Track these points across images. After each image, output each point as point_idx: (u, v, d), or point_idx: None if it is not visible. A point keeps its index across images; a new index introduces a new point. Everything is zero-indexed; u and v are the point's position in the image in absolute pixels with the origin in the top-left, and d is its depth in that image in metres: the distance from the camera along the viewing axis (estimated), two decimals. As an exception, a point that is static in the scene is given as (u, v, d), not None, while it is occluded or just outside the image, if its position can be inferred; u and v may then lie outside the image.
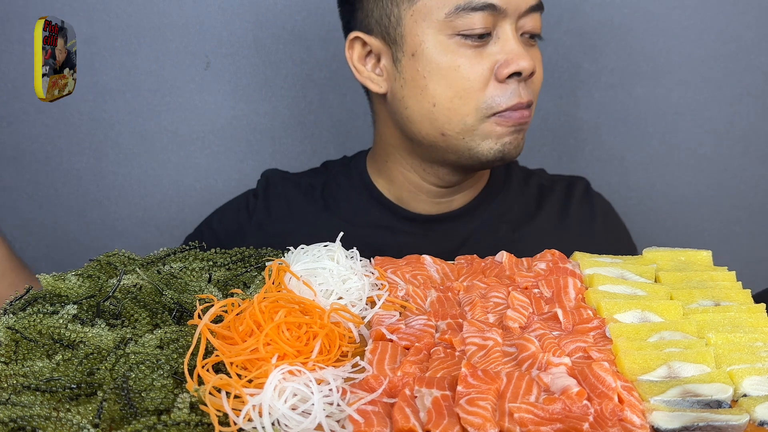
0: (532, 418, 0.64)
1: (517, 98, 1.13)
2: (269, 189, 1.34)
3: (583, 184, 1.36)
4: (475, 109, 1.14)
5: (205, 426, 0.64)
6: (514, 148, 1.17)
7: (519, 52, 1.12)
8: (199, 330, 0.73)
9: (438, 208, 1.27)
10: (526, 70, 1.12)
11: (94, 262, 0.95)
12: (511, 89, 1.13)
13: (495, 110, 1.14)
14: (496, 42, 1.13)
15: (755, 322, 0.81)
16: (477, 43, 1.13)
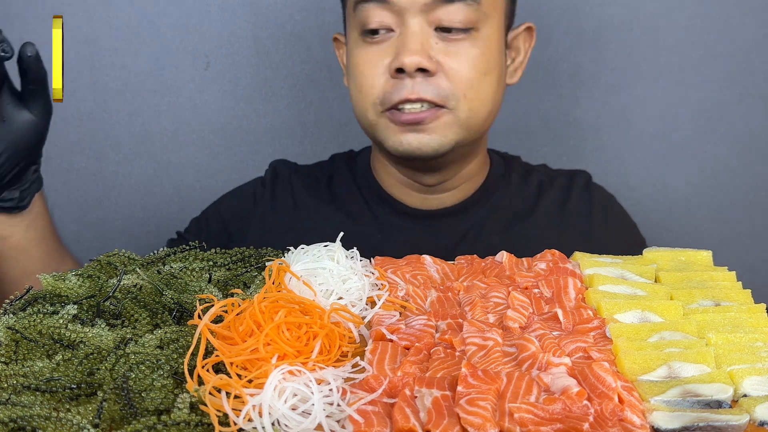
0: (532, 418, 0.64)
1: (405, 93, 1.12)
2: (276, 179, 1.34)
3: (584, 178, 1.35)
4: (372, 105, 1.16)
5: (205, 426, 0.64)
6: (417, 147, 1.14)
7: (408, 47, 1.11)
8: (199, 330, 0.72)
9: (430, 203, 1.27)
10: (406, 65, 1.10)
11: (94, 262, 0.95)
12: (402, 85, 1.12)
13: (386, 106, 1.14)
14: (397, 37, 1.14)
15: (755, 322, 0.81)
16: (377, 39, 1.15)
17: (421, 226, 1.26)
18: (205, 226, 1.34)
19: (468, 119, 1.15)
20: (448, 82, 1.13)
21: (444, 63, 1.13)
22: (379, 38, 1.15)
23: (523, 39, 1.26)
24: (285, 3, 1.64)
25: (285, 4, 1.64)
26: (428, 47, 1.12)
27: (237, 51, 1.64)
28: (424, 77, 1.12)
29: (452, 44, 1.13)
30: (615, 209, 1.35)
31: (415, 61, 1.10)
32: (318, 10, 1.64)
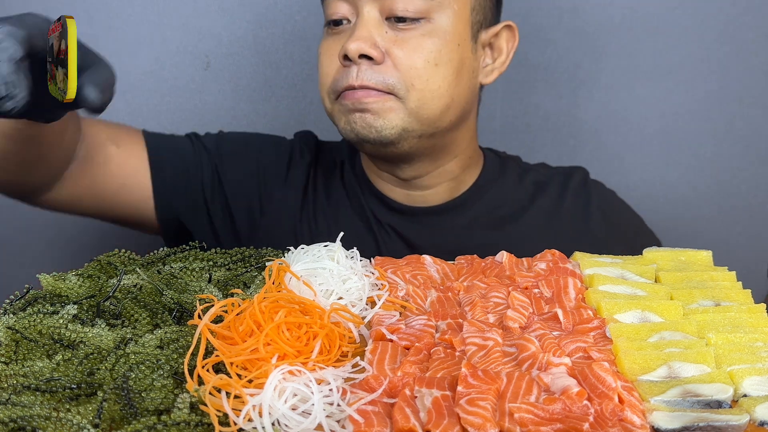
0: (532, 418, 0.64)
1: (350, 80, 1.13)
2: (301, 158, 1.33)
3: (580, 175, 1.34)
4: (327, 93, 1.18)
5: (205, 426, 0.64)
6: (363, 128, 1.14)
7: (354, 35, 1.12)
8: (199, 330, 0.73)
9: (414, 199, 1.27)
10: (349, 51, 1.11)
11: (94, 262, 0.95)
12: (348, 72, 1.13)
13: (337, 93, 1.16)
14: (351, 27, 1.15)
15: (755, 322, 0.81)
16: (335, 30, 1.17)
17: (409, 222, 1.26)
18: (240, 157, 1.32)
19: (418, 109, 1.14)
20: (396, 71, 1.13)
21: (391, 51, 1.13)
22: (339, 29, 1.17)
23: (505, 39, 1.24)
24: (285, 3, 1.64)
25: (285, 4, 1.64)
26: (376, 35, 1.12)
27: (237, 51, 1.64)
28: (369, 65, 1.12)
29: (402, 33, 1.13)
30: (614, 205, 1.34)
31: (357, 47, 1.11)
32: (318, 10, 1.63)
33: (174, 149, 1.27)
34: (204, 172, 1.28)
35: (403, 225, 1.26)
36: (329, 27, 1.18)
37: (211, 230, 1.29)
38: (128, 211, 1.26)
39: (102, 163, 1.18)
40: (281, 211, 1.29)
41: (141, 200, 1.25)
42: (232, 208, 1.28)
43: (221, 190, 1.28)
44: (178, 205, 1.27)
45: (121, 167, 1.21)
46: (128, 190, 1.23)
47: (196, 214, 1.28)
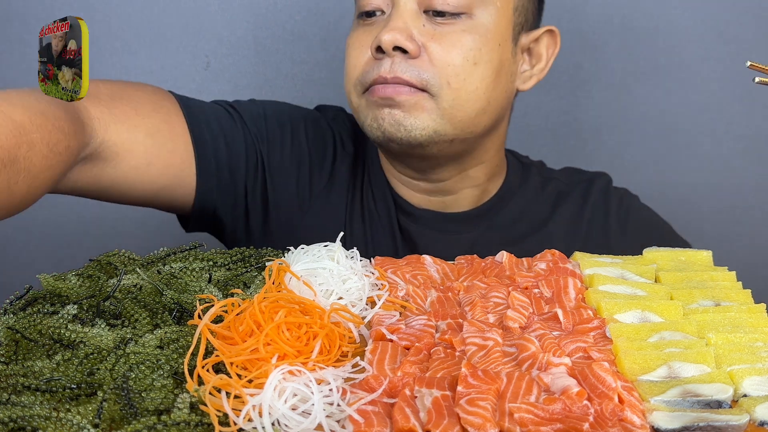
0: (532, 418, 0.64)
1: (381, 71, 1.07)
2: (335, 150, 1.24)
3: (602, 182, 1.27)
4: (354, 86, 1.12)
5: (205, 426, 0.64)
6: (391, 125, 1.07)
7: (389, 25, 1.06)
8: (199, 330, 0.72)
9: (434, 205, 1.22)
10: (383, 43, 1.05)
11: (94, 262, 0.95)
12: (380, 63, 1.08)
13: (365, 86, 1.10)
14: (385, 19, 1.10)
15: (755, 322, 0.81)
16: (368, 22, 1.13)
17: (426, 229, 1.21)
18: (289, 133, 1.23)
19: (452, 110, 1.08)
20: (432, 66, 1.07)
21: (428, 46, 1.07)
22: (372, 20, 1.12)
23: (545, 44, 1.19)
24: (285, 3, 1.64)
25: (285, 4, 1.64)
26: (413, 27, 1.07)
27: (237, 51, 1.64)
28: (404, 58, 1.06)
29: (441, 27, 1.08)
30: (636, 214, 1.26)
31: (392, 38, 1.05)
32: (318, 10, 1.64)
33: (219, 135, 1.14)
34: (248, 163, 1.17)
35: (420, 232, 1.21)
36: (361, 18, 1.13)
37: (245, 225, 1.20)
38: (162, 203, 1.14)
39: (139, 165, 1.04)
40: (326, 211, 1.21)
41: (181, 198, 1.13)
42: (271, 203, 1.19)
43: (263, 182, 1.19)
44: (218, 201, 1.16)
45: (163, 172, 1.08)
46: (169, 191, 1.11)
47: (235, 209, 1.19)
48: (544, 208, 1.25)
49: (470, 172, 1.20)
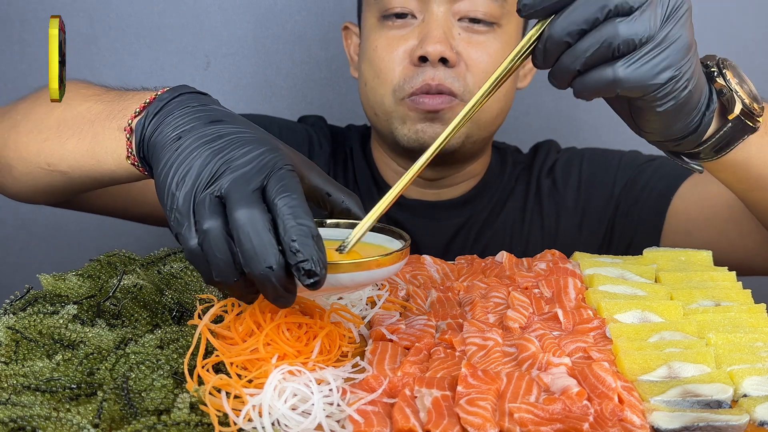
0: (532, 418, 0.64)
1: (424, 77, 1.11)
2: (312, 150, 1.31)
3: (541, 156, 1.31)
4: (391, 91, 1.15)
5: (205, 426, 0.64)
6: (431, 137, 1.13)
7: (432, 35, 1.10)
8: (199, 330, 0.72)
9: (427, 196, 1.27)
10: (430, 54, 1.10)
11: (94, 262, 0.95)
12: (422, 72, 1.12)
13: (406, 93, 1.13)
14: (420, 24, 1.13)
15: (755, 322, 0.81)
16: (397, 23, 1.14)
17: (417, 218, 1.26)
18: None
19: (480, 113, 1.11)
20: (469, 73, 1.13)
21: (465, 53, 1.12)
22: (400, 23, 1.14)
23: None
24: (285, 3, 1.64)
25: (285, 4, 1.64)
26: (450, 37, 1.12)
27: (237, 51, 1.64)
28: (445, 67, 1.12)
29: (475, 36, 1.13)
30: (576, 168, 1.29)
31: (439, 50, 1.10)
32: (318, 10, 1.64)
33: None
34: None
35: (411, 221, 1.25)
36: (388, 20, 1.15)
37: None
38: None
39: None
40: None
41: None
42: None
43: None
44: None
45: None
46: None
47: None
48: (519, 190, 1.31)
49: (471, 166, 1.26)
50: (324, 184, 0.74)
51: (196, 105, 0.73)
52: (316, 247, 0.62)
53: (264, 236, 0.62)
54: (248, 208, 0.62)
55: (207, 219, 0.63)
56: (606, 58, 0.69)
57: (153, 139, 0.71)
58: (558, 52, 0.70)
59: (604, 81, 0.70)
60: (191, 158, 0.66)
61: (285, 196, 0.63)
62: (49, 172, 0.91)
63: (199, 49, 1.63)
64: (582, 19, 0.67)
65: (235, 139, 0.67)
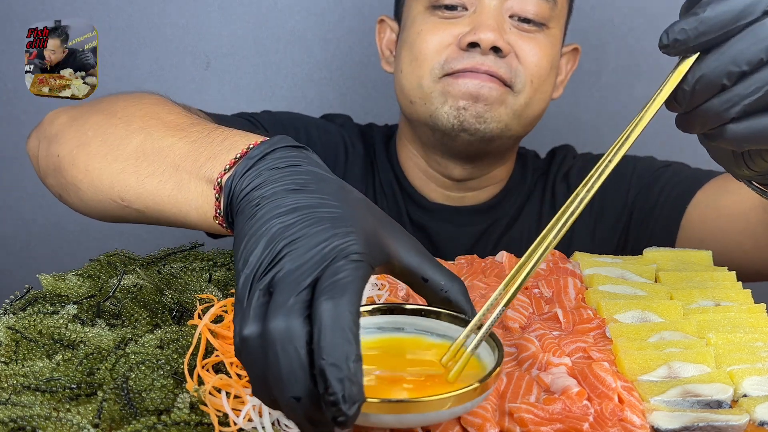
0: (532, 418, 0.64)
1: (473, 62, 1.11)
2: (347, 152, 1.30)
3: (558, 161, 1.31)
4: (430, 71, 1.14)
5: (205, 426, 0.64)
6: (473, 116, 1.12)
7: (485, 23, 1.11)
8: (199, 330, 0.72)
9: (452, 200, 1.27)
10: (483, 41, 1.10)
11: (94, 262, 0.95)
12: (470, 56, 1.12)
13: (447, 71, 1.13)
14: (471, 15, 1.14)
15: (755, 322, 0.81)
16: (447, 14, 1.15)
17: (440, 222, 1.26)
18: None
19: (525, 107, 1.15)
20: (520, 65, 1.13)
21: (516, 46, 1.13)
22: (450, 14, 1.15)
23: (567, 59, 1.27)
24: (285, 3, 1.64)
25: (285, 4, 1.64)
26: (503, 30, 1.12)
27: (237, 51, 1.64)
28: (495, 56, 1.12)
29: (526, 33, 1.15)
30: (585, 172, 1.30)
31: (492, 38, 1.10)
32: (318, 10, 1.64)
33: None
34: None
35: (434, 225, 1.26)
36: (438, 10, 1.15)
37: None
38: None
39: None
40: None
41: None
42: None
43: None
44: None
45: None
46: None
47: None
48: (536, 195, 1.31)
49: (497, 170, 1.26)
50: (421, 264, 0.62)
51: (284, 166, 0.64)
52: (349, 379, 0.50)
53: (294, 360, 0.51)
54: (285, 319, 0.52)
55: (248, 324, 0.54)
56: (766, 106, 0.59)
57: (240, 203, 0.64)
58: (709, 95, 0.60)
59: (763, 133, 0.60)
60: (260, 234, 0.58)
61: (332, 299, 0.52)
62: (122, 207, 0.84)
63: (199, 49, 1.63)
64: (745, 59, 0.58)
65: (310, 215, 0.58)
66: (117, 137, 0.84)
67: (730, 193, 1.09)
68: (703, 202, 1.15)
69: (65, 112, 0.96)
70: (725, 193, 1.11)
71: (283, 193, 0.61)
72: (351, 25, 1.60)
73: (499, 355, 0.59)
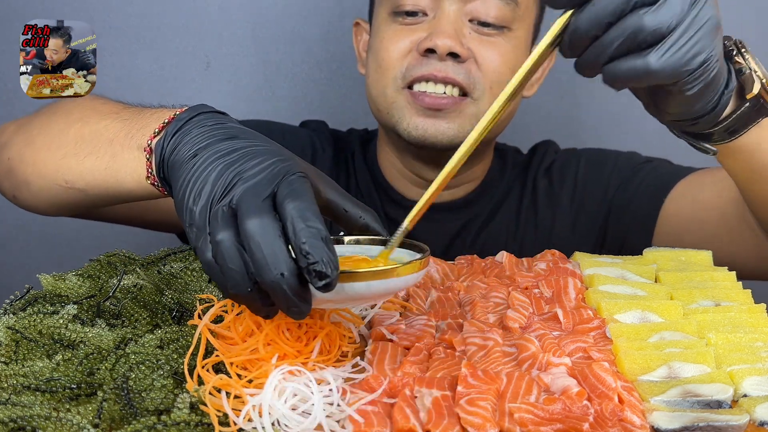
0: (532, 418, 0.64)
1: (431, 68, 1.11)
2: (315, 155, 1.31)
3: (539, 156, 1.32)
4: (392, 79, 1.15)
5: (205, 426, 0.64)
6: (437, 131, 1.13)
7: (442, 29, 1.11)
8: (199, 330, 0.72)
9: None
10: (439, 47, 1.10)
11: (94, 262, 0.95)
12: (428, 63, 1.12)
13: (407, 81, 1.14)
14: (431, 21, 1.14)
15: (755, 322, 0.81)
16: (408, 20, 1.15)
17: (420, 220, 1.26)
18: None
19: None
20: (479, 70, 1.13)
21: (476, 51, 1.13)
22: (411, 20, 1.15)
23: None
24: (285, 3, 1.64)
25: (285, 4, 1.64)
26: (461, 34, 1.12)
27: (237, 51, 1.64)
28: (453, 62, 1.12)
29: (486, 37, 1.14)
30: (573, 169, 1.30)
31: (448, 44, 1.10)
32: (318, 10, 1.65)
33: None
34: None
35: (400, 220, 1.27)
36: (399, 16, 1.16)
37: None
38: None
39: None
40: None
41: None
42: None
43: None
44: None
45: None
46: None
47: None
48: (516, 190, 1.31)
49: (472, 169, 1.27)
50: (340, 199, 0.73)
51: (212, 123, 0.74)
52: (326, 249, 0.61)
53: (274, 243, 0.61)
54: (258, 217, 0.62)
55: (219, 231, 0.63)
56: (634, 48, 0.67)
57: (172, 158, 0.72)
58: (585, 44, 0.68)
59: (635, 72, 0.68)
60: (206, 173, 0.67)
61: (294, 200, 0.63)
62: (66, 189, 0.91)
63: (199, 49, 1.63)
64: (608, 12, 0.65)
65: (249, 152, 0.68)
66: (58, 129, 0.92)
67: (707, 187, 1.10)
68: (681, 196, 1.16)
69: (13, 123, 1.05)
70: (703, 187, 1.12)
71: (217, 142, 0.70)
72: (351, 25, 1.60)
73: (425, 249, 0.75)
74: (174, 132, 0.74)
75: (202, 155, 0.69)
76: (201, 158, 0.69)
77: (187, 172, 0.69)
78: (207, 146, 0.70)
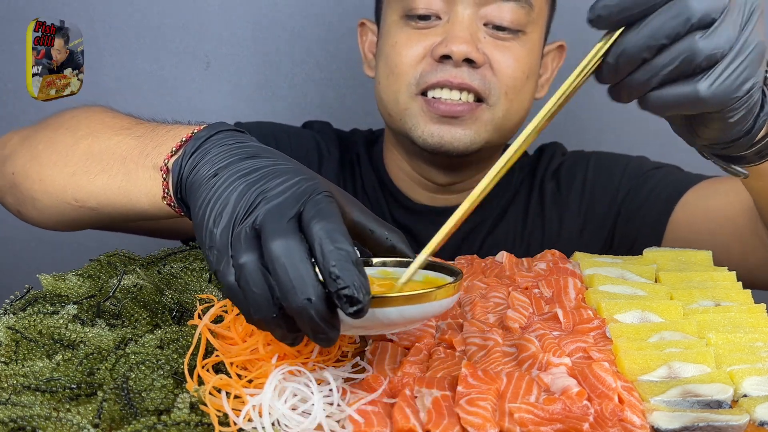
0: (532, 418, 0.64)
1: (446, 75, 1.10)
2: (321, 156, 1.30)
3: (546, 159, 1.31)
4: (406, 85, 1.13)
5: (205, 426, 0.64)
6: (453, 138, 1.12)
7: (457, 35, 1.09)
8: (199, 330, 0.73)
9: (437, 202, 1.27)
10: (454, 53, 1.09)
11: (94, 262, 0.95)
12: (443, 69, 1.10)
13: (422, 87, 1.12)
14: (444, 25, 1.12)
15: (755, 322, 0.81)
16: (420, 24, 1.13)
17: (425, 223, 1.26)
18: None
19: (503, 120, 1.14)
20: (494, 76, 1.12)
21: (491, 56, 1.11)
22: (424, 24, 1.13)
23: (552, 57, 1.26)
24: (285, 3, 1.64)
25: (285, 4, 1.64)
26: (476, 39, 1.11)
27: (237, 51, 1.65)
28: (469, 68, 1.11)
29: (500, 42, 1.13)
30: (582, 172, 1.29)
31: (464, 50, 1.09)
32: (318, 10, 1.65)
33: None
34: None
35: (419, 226, 1.25)
36: (412, 20, 1.14)
37: None
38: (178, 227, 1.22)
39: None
40: None
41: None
42: None
43: None
44: None
45: None
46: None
47: None
48: (522, 193, 1.30)
49: (482, 173, 1.25)
50: (366, 220, 0.70)
51: (233, 142, 0.71)
52: (357, 272, 0.57)
53: (301, 266, 0.58)
54: (283, 238, 0.58)
55: (242, 253, 0.59)
56: (685, 73, 0.64)
57: (191, 178, 0.69)
58: (632, 67, 0.65)
59: (683, 99, 0.65)
60: (227, 193, 0.64)
61: (321, 221, 0.59)
62: (76, 207, 0.88)
63: (199, 49, 1.64)
64: (663, 34, 0.62)
65: (272, 171, 0.65)
66: (65, 145, 0.89)
67: (719, 196, 1.09)
68: (691, 204, 1.15)
69: (16, 134, 1.02)
70: (714, 195, 1.11)
71: (238, 161, 0.67)
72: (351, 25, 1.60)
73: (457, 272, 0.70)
74: (192, 151, 0.71)
75: (222, 174, 0.66)
76: (222, 178, 0.66)
77: (207, 192, 0.65)
78: (228, 165, 0.67)
